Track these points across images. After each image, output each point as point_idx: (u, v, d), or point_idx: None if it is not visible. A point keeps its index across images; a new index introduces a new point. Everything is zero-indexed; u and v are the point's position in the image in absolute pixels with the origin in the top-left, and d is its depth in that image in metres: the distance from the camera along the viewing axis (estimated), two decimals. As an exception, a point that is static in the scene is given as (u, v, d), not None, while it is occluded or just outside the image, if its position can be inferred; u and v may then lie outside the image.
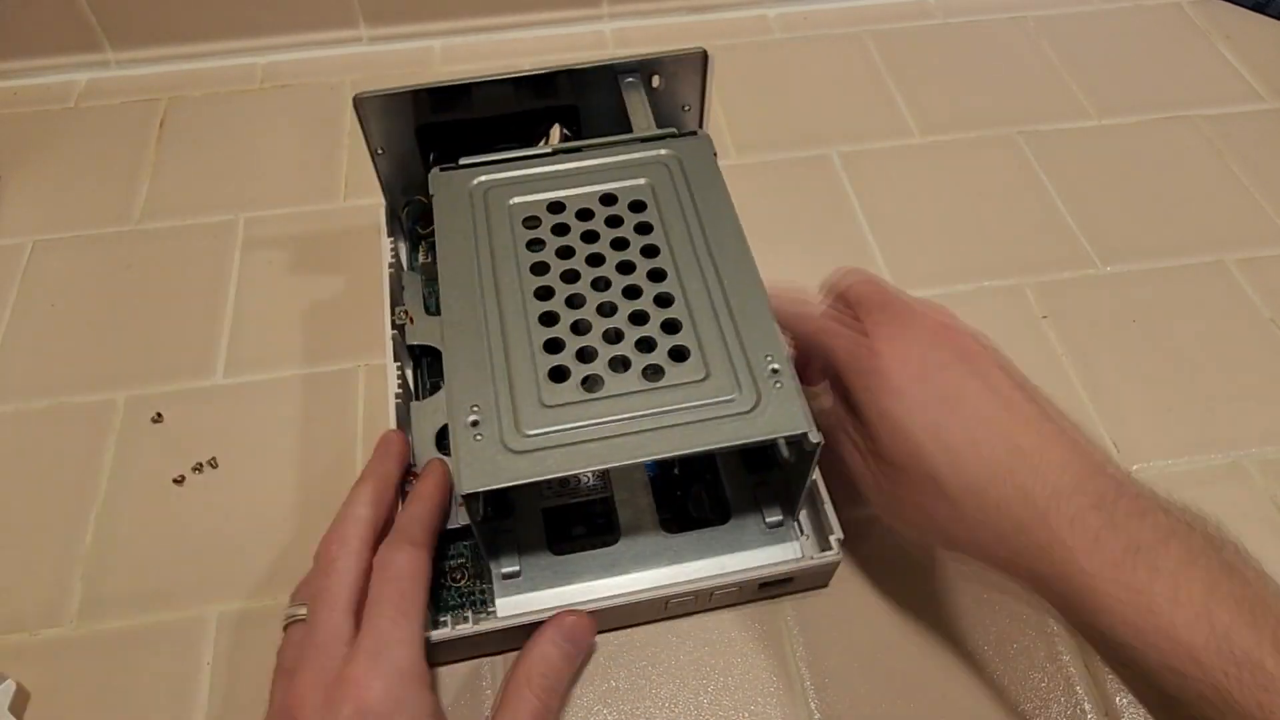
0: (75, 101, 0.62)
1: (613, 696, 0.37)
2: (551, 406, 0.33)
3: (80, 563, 0.41)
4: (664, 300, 0.37)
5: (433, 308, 0.45)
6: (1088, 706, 0.37)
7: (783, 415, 0.33)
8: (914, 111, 0.60)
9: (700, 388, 0.34)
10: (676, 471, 0.41)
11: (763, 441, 0.32)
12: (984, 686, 0.37)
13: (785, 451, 0.34)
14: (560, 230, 0.39)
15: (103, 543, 0.41)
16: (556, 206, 0.39)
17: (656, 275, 0.37)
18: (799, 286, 0.38)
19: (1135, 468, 0.44)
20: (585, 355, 0.35)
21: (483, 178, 0.40)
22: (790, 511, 0.38)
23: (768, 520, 0.38)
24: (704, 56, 0.44)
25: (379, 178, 0.46)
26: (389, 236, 0.46)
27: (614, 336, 0.35)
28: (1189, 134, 0.59)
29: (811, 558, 0.37)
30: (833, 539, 0.37)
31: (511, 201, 0.39)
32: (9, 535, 0.42)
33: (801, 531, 0.39)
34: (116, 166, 0.57)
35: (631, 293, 0.37)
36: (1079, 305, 0.50)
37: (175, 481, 0.43)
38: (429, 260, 0.47)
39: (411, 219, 0.47)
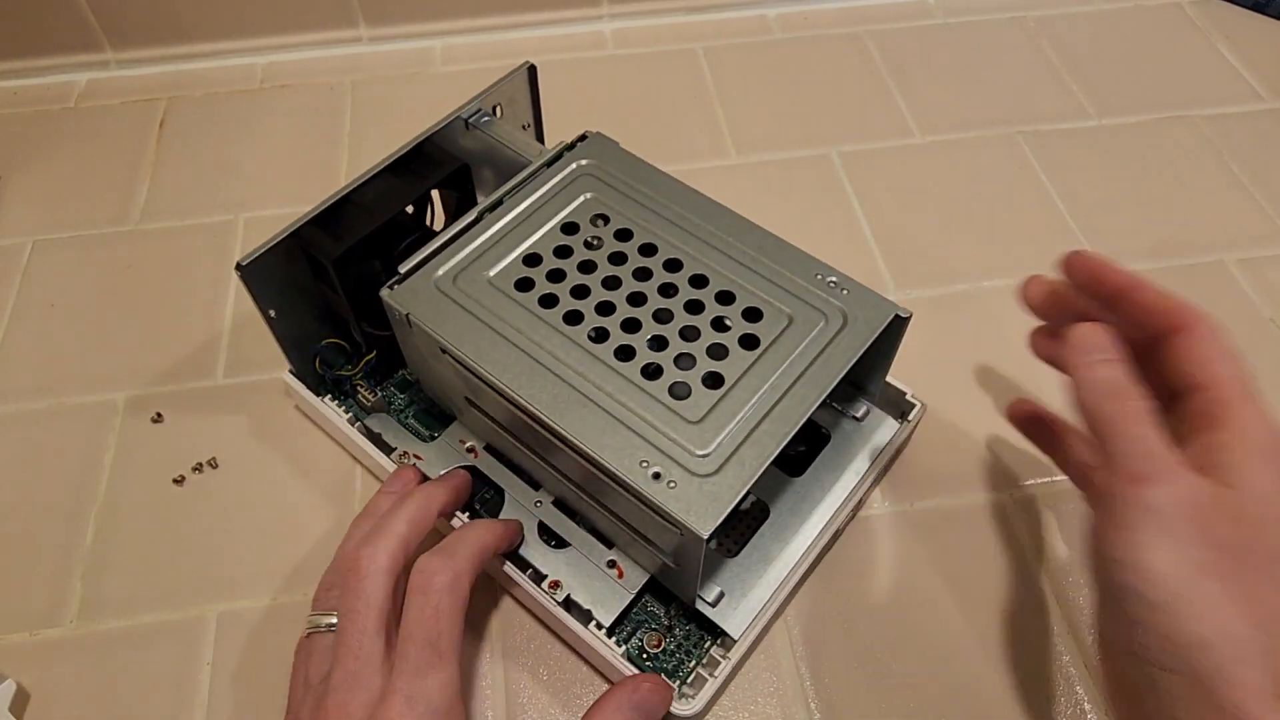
0: (75, 101, 0.62)
1: (613, 696, 0.37)
2: (699, 421, 0.33)
3: (80, 563, 0.41)
4: (699, 281, 0.37)
5: (424, 431, 0.43)
6: (1088, 706, 0.37)
7: (874, 311, 0.36)
8: (914, 111, 0.60)
9: (795, 331, 0.36)
10: None
11: (880, 334, 0.35)
12: (984, 686, 0.37)
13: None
14: (556, 277, 0.37)
15: (103, 543, 0.41)
16: (533, 260, 0.38)
17: (673, 265, 0.38)
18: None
19: (1135, 468, 0.44)
20: (683, 363, 0.35)
21: (439, 272, 0.38)
22: (873, 396, 0.42)
23: (857, 417, 0.42)
24: (531, 71, 0.44)
25: (279, 342, 0.41)
26: (323, 399, 0.43)
27: (691, 334, 0.36)
28: (1189, 134, 0.59)
29: (908, 418, 0.42)
30: (909, 396, 0.41)
31: (489, 275, 0.38)
32: (9, 535, 0.42)
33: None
34: (116, 166, 0.57)
35: (668, 290, 0.37)
36: (1079, 305, 0.50)
37: (175, 482, 0.43)
38: (375, 396, 0.42)
39: (327, 365, 0.43)
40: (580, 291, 0.37)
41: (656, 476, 0.31)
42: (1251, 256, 0.52)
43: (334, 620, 0.32)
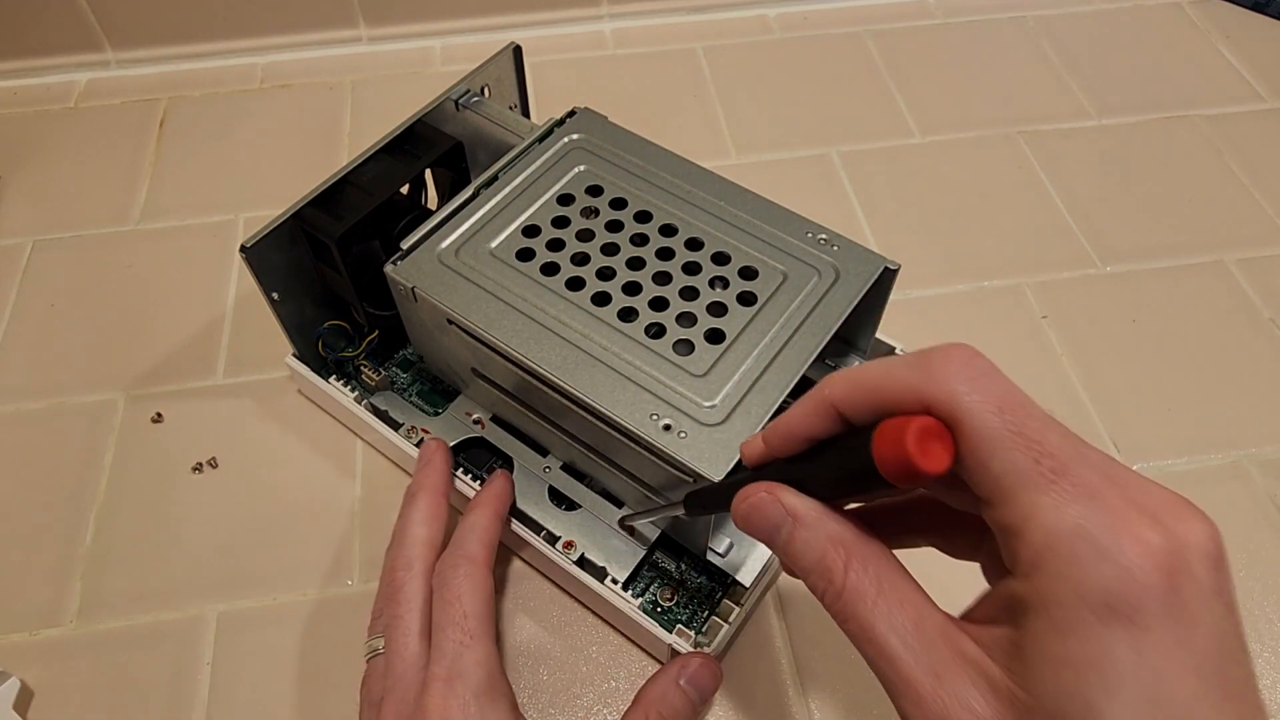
0: (75, 101, 0.62)
1: (612, 696, 0.37)
2: (704, 374, 0.34)
3: (80, 562, 0.41)
4: (695, 244, 0.38)
5: (429, 407, 0.43)
6: (1088, 706, 0.37)
7: (863, 264, 0.37)
8: (914, 111, 0.60)
9: (790, 286, 0.37)
10: None
11: (870, 287, 0.36)
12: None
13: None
14: (556, 246, 0.38)
15: (103, 543, 0.41)
16: (531, 231, 0.39)
17: (668, 230, 0.39)
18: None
19: (1135, 467, 0.44)
20: (684, 321, 0.36)
21: (441, 246, 0.38)
22: (864, 351, 0.42)
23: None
24: (516, 52, 0.44)
25: (282, 325, 0.41)
26: (328, 380, 0.43)
27: (690, 294, 0.37)
28: (1189, 134, 0.59)
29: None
30: (898, 350, 0.42)
31: (490, 247, 0.38)
32: (9, 535, 0.42)
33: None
34: (116, 166, 0.57)
35: (665, 254, 0.38)
36: (1079, 305, 0.50)
37: (175, 481, 0.43)
38: (379, 375, 0.43)
39: (329, 347, 0.43)
40: (580, 259, 0.38)
41: (667, 428, 0.32)
42: (1251, 256, 0.52)
43: (381, 643, 0.33)
